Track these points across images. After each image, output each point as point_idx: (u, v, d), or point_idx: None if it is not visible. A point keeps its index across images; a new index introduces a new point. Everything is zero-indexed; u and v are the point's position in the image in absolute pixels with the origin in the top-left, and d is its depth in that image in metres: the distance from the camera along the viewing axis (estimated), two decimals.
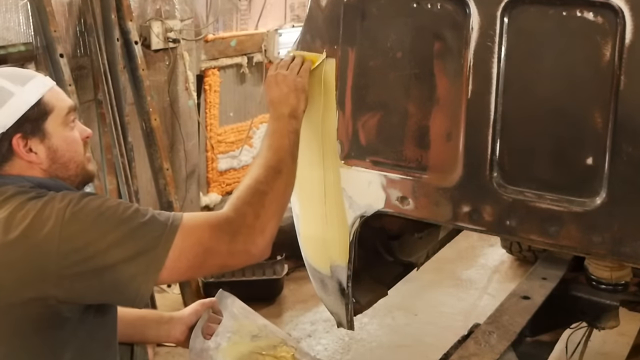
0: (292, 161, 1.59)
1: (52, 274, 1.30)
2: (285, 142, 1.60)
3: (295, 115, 1.68)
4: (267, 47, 4.78)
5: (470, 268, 4.59)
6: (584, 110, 1.56)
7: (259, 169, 1.52)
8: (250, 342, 1.77)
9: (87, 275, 1.31)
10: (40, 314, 1.33)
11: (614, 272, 2.33)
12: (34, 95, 1.45)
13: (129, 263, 1.32)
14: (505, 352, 2.03)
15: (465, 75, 1.66)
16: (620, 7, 1.46)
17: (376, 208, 1.87)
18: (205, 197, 4.61)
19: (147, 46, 3.82)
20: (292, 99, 1.70)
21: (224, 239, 1.37)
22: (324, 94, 1.87)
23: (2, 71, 1.51)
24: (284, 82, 1.72)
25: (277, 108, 1.68)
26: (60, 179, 1.50)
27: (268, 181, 1.48)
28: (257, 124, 4.98)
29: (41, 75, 1.52)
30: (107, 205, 1.37)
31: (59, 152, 1.48)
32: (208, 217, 1.41)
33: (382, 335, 3.71)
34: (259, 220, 1.41)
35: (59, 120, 1.48)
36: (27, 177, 1.45)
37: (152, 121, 3.65)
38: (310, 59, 1.83)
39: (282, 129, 1.63)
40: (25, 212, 1.35)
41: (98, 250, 1.31)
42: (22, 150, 1.44)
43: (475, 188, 1.70)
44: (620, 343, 3.30)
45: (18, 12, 3.17)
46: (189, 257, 1.35)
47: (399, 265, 2.40)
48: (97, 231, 1.33)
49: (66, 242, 1.31)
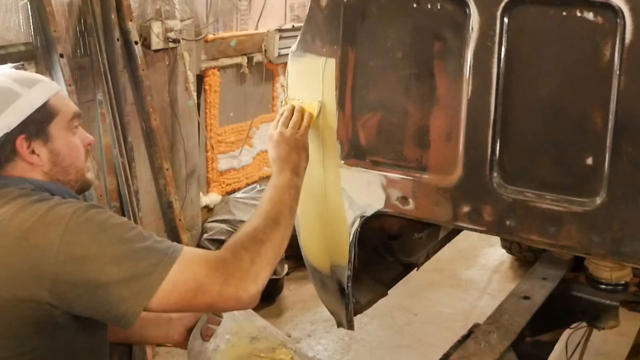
0: (291, 215, 1.63)
1: (47, 279, 1.31)
2: (286, 197, 1.64)
3: (297, 172, 1.73)
4: (267, 47, 4.78)
5: (470, 268, 4.59)
6: (584, 110, 1.56)
7: (259, 218, 1.55)
8: (249, 344, 1.77)
9: (79, 287, 1.32)
10: (34, 316, 1.34)
11: (614, 272, 2.33)
12: (40, 98, 1.47)
13: (121, 284, 1.32)
14: (505, 352, 2.03)
15: (465, 75, 1.66)
16: (620, 7, 1.46)
17: (376, 208, 1.87)
18: (205, 197, 4.61)
19: (147, 46, 3.82)
20: (293, 157, 1.75)
21: (218, 279, 1.37)
22: (324, 94, 1.87)
23: (9, 73, 1.53)
24: (285, 140, 1.78)
25: (280, 165, 1.74)
26: (60, 183, 1.51)
27: (267, 231, 1.51)
28: (257, 124, 4.98)
29: (48, 79, 1.54)
30: (111, 222, 1.37)
31: (60, 155, 1.50)
32: (207, 255, 1.42)
33: (382, 335, 3.71)
34: (253, 267, 1.42)
35: (63, 125, 1.50)
36: (28, 179, 1.46)
37: (152, 121, 3.65)
38: (309, 111, 1.87)
39: (284, 185, 1.68)
40: (28, 214, 1.36)
41: (95, 265, 1.32)
42: (25, 151, 1.45)
43: (475, 188, 1.70)
44: (620, 343, 3.31)
45: (18, 12, 3.16)
46: (181, 291, 1.35)
47: (399, 265, 2.40)
48: (97, 246, 1.33)
49: (65, 251, 1.31)
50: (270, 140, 1.80)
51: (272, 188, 1.66)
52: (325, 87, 1.87)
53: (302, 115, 1.85)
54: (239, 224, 4.28)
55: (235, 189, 4.85)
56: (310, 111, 1.87)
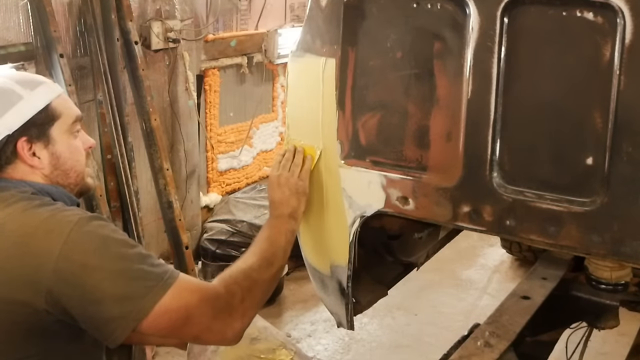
0: (284, 258, 1.66)
1: (43, 286, 1.31)
2: (282, 239, 1.68)
3: (295, 217, 1.77)
4: (267, 47, 4.78)
5: (470, 268, 4.59)
6: (584, 110, 1.56)
7: (254, 257, 1.57)
8: (249, 345, 1.76)
9: (73, 299, 1.32)
10: (30, 322, 1.33)
11: (614, 272, 2.33)
12: (42, 101, 1.46)
13: (114, 303, 1.32)
14: (505, 352, 2.03)
15: (465, 76, 1.66)
16: (620, 7, 1.46)
17: (376, 208, 1.87)
18: (205, 197, 4.62)
19: (147, 46, 3.83)
20: (293, 201, 1.78)
21: (208, 312, 1.39)
22: (324, 94, 1.87)
23: (12, 75, 1.53)
24: (286, 184, 1.80)
25: (278, 208, 1.76)
26: (60, 186, 1.50)
27: (260, 271, 1.53)
28: (257, 124, 4.98)
29: (50, 81, 1.54)
30: (113, 237, 1.37)
31: (61, 159, 1.49)
32: (200, 286, 1.43)
33: (382, 335, 3.71)
34: (242, 305, 1.44)
35: (65, 128, 1.50)
36: (28, 182, 1.46)
37: (152, 121, 3.65)
38: (310, 155, 1.90)
39: (281, 227, 1.71)
40: (29, 219, 1.36)
41: (91, 279, 1.31)
42: (26, 153, 1.45)
43: (475, 188, 1.70)
44: (620, 343, 3.31)
45: (18, 12, 3.17)
46: (172, 318, 1.35)
47: (399, 265, 2.39)
48: (96, 259, 1.33)
49: (64, 261, 1.31)
50: (272, 182, 1.82)
51: (269, 228, 1.69)
52: (325, 87, 1.87)
53: (303, 159, 1.88)
54: (239, 224, 4.28)
55: (235, 188, 4.86)
56: (311, 154, 1.90)
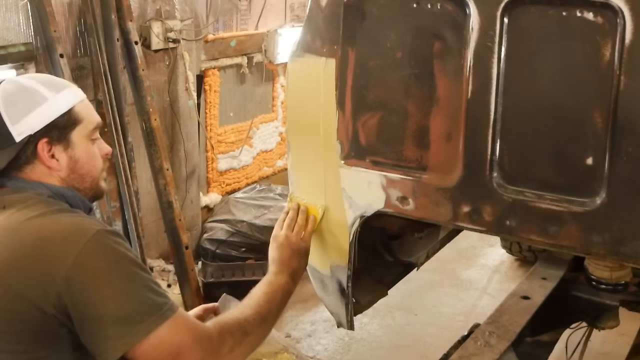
0: (277, 316, 1.67)
1: (53, 292, 1.32)
2: (278, 297, 1.69)
3: (294, 278, 1.77)
4: (267, 47, 4.78)
5: (470, 268, 4.59)
6: (584, 110, 1.56)
7: (251, 310, 1.58)
8: None
9: (76, 309, 1.33)
10: (39, 323, 1.34)
11: (614, 272, 2.33)
12: (66, 104, 1.49)
13: (112, 323, 1.33)
14: (505, 352, 2.03)
15: (465, 75, 1.66)
16: (620, 7, 1.46)
17: (376, 208, 1.87)
18: (205, 197, 4.62)
19: (147, 46, 3.83)
20: (294, 262, 1.79)
21: (198, 354, 1.40)
22: (324, 94, 1.87)
23: (38, 77, 1.55)
24: (288, 245, 1.82)
25: (279, 266, 1.77)
26: (76, 190, 1.52)
27: (254, 325, 1.55)
28: (257, 124, 4.98)
29: (75, 86, 1.56)
30: (127, 255, 1.39)
31: (79, 163, 1.52)
32: (196, 326, 1.44)
33: (382, 335, 3.71)
34: (231, 355, 1.46)
35: (85, 133, 1.52)
36: (45, 184, 1.48)
37: (152, 121, 3.65)
38: (314, 215, 1.93)
39: (280, 286, 1.72)
40: (48, 223, 1.38)
41: (97, 294, 1.33)
42: (46, 155, 1.47)
43: (475, 188, 1.70)
44: (620, 343, 3.31)
45: (18, 12, 3.17)
46: (163, 351, 1.37)
47: (399, 265, 2.39)
48: (107, 274, 1.34)
49: (76, 269, 1.32)
50: (275, 240, 1.83)
51: (268, 285, 1.70)
52: (325, 87, 1.87)
53: (306, 219, 1.90)
54: (239, 224, 4.28)
55: (235, 189, 4.86)
56: (314, 214, 1.93)
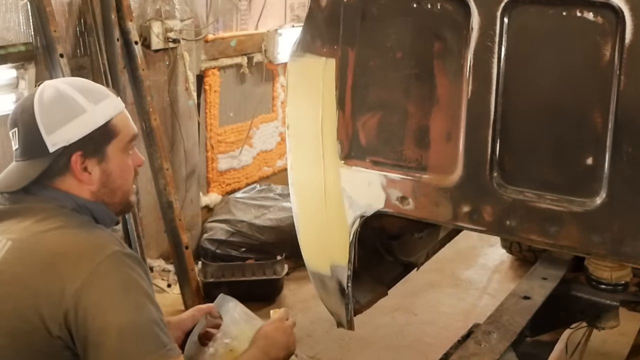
0: None
1: (62, 309, 1.30)
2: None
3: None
4: (267, 47, 4.78)
5: (470, 268, 4.59)
6: (584, 110, 1.56)
7: None
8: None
9: (78, 331, 1.30)
10: (44, 344, 1.32)
11: (614, 272, 2.33)
12: (104, 117, 1.45)
13: (110, 354, 1.30)
14: (505, 352, 2.02)
15: (465, 75, 1.66)
16: (620, 7, 1.47)
17: (376, 208, 1.87)
18: (205, 197, 4.61)
19: (147, 46, 3.82)
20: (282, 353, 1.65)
21: None
22: (324, 94, 1.87)
23: (78, 84, 1.50)
24: (284, 334, 1.68)
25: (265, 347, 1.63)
26: (104, 204, 1.49)
27: None
28: (257, 124, 4.98)
29: (114, 96, 1.51)
30: (139, 283, 1.35)
31: (111, 177, 1.48)
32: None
33: (382, 335, 3.70)
34: None
35: (120, 146, 1.48)
36: (73, 196, 1.44)
37: (152, 121, 3.65)
38: None
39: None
40: (64, 238, 1.36)
41: (100, 320, 1.30)
42: (78, 168, 1.43)
43: (475, 188, 1.70)
44: (620, 343, 3.30)
45: (18, 12, 3.17)
46: None
47: (399, 265, 2.39)
48: (113, 301, 1.31)
49: (85, 291, 1.30)
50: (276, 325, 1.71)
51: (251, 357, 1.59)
52: (325, 87, 1.87)
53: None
54: (239, 224, 4.28)
55: (235, 189, 4.85)
56: None
